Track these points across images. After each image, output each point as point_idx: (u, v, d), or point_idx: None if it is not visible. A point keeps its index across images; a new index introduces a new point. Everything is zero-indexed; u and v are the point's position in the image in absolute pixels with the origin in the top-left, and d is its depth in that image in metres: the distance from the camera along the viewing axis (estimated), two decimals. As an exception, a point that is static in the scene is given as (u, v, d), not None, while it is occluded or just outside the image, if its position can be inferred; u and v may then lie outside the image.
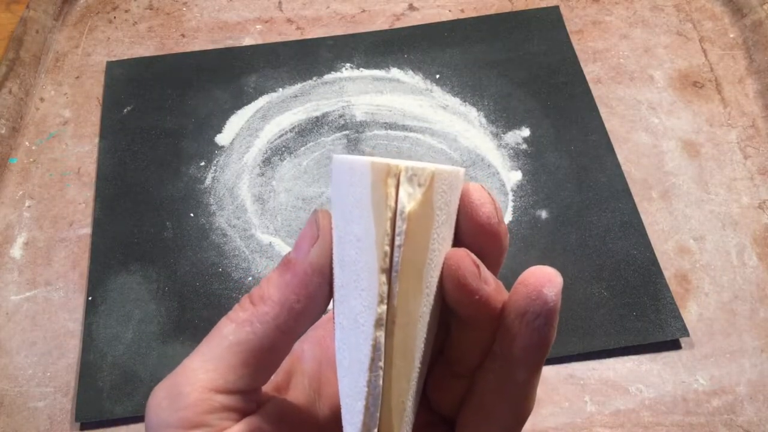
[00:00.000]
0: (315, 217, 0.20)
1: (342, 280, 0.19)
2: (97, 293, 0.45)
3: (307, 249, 0.20)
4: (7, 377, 0.43)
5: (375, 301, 0.18)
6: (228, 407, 0.20)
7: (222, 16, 0.62)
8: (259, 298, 0.20)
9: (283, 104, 0.55)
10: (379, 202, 0.18)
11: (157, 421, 0.19)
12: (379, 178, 0.18)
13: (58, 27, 0.61)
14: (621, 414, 0.40)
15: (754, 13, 0.57)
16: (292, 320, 0.20)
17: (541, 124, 0.53)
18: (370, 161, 0.18)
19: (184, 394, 0.19)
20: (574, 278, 0.45)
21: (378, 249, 0.18)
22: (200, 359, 0.20)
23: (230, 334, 0.20)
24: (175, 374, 0.20)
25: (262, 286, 0.20)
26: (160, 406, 0.19)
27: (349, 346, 0.19)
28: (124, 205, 0.50)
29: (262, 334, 0.20)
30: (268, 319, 0.20)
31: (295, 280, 0.20)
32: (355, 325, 0.19)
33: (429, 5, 0.61)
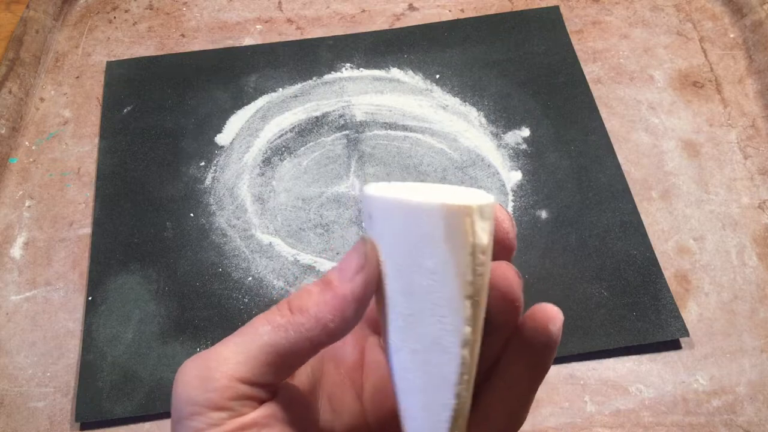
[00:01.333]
0: (363, 248, 0.22)
1: (410, 309, 0.22)
2: (97, 293, 0.45)
3: (350, 275, 0.22)
4: (7, 377, 0.43)
5: (461, 324, 0.21)
6: (250, 396, 0.22)
7: (222, 16, 0.62)
8: (298, 308, 0.22)
9: (283, 104, 0.55)
10: (456, 238, 0.20)
11: (186, 397, 0.22)
12: (456, 218, 0.20)
13: (58, 27, 0.61)
14: (621, 414, 0.40)
15: (754, 13, 0.57)
16: (324, 336, 0.22)
17: (541, 124, 0.53)
18: (443, 204, 0.20)
19: (214, 378, 0.21)
20: (574, 278, 0.45)
21: (460, 279, 0.20)
22: (234, 350, 0.22)
23: (265, 334, 0.22)
24: (207, 357, 0.22)
25: (302, 296, 0.22)
26: (190, 384, 0.22)
27: (425, 366, 0.22)
28: (124, 205, 0.50)
29: (294, 342, 0.22)
30: (303, 330, 0.22)
31: (334, 302, 0.22)
32: (437, 347, 0.21)
33: (429, 5, 0.61)
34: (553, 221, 0.47)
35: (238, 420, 0.21)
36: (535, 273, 0.45)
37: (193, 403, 0.21)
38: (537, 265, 0.45)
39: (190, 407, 0.21)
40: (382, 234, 0.22)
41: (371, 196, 0.22)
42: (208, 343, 0.43)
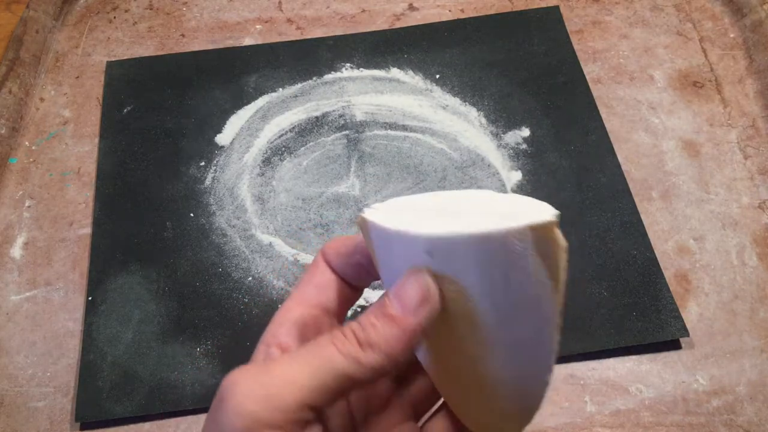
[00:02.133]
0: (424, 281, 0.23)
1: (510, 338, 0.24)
2: (97, 293, 0.45)
3: (413, 308, 0.22)
4: (7, 377, 0.43)
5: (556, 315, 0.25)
6: (308, 420, 0.22)
7: (222, 16, 0.62)
8: (367, 344, 0.22)
9: (283, 104, 0.55)
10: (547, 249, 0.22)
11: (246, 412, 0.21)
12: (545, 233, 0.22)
13: (58, 27, 0.61)
14: (621, 414, 0.40)
15: (754, 13, 0.57)
16: (390, 367, 0.23)
17: (541, 124, 0.53)
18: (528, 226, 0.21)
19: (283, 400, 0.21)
20: (574, 278, 0.45)
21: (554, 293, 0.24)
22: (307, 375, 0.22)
23: (339, 364, 0.22)
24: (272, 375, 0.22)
25: (367, 330, 0.23)
26: (250, 398, 0.21)
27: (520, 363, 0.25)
28: (124, 205, 0.50)
29: (365, 375, 0.22)
30: (376, 365, 0.22)
31: (404, 337, 0.22)
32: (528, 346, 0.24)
33: (429, 5, 0.61)
34: (553, 221, 0.47)
35: None
36: (535, 273, 0.45)
37: (253, 419, 0.21)
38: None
39: (248, 422, 0.21)
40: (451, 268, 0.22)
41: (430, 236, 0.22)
42: (208, 344, 0.43)
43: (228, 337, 0.43)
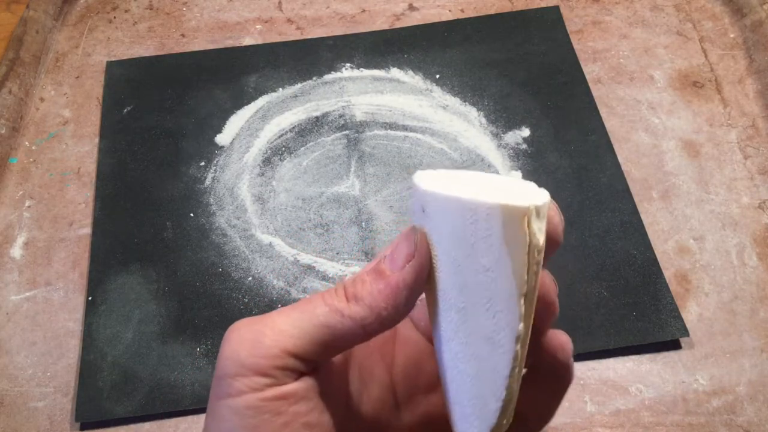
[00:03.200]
0: (414, 236, 0.23)
1: (463, 302, 0.22)
2: (97, 293, 0.45)
3: (401, 264, 0.23)
4: (7, 377, 0.43)
5: (516, 321, 0.21)
6: (294, 368, 0.23)
7: (222, 16, 0.62)
8: (353, 296, 0.23)
9: (283, 104, 0.55)
10: (513, 238, 0.21)
11: (235, 356, 0.22)
12: (513, 219, 0.20)
13: (58, 27, 0.61)
14: (621, 414, 0.40)
15: (754, 13, 0.57)
16: (377, 323, 0.23)
17: (541, 124, 0.53)
18: (500, 204, 0.20)
19: (267, 346, 0.22)
20: (574, 278, 0.45)
21: (517, 278, 0.21)
22: (290, 324, 0.23)
23: (322, 315, 0.23)
24: (263, 323, 0.23)
25: (356, 284, 0.23)
26: (242, 345, 0.22)
27: (477, 358, 0.23)
28: (124, 205, 0.50)
29: (348, 327, 0.23)
30: (357, 317, 0.22)
31: (387, 290, 0.23)
32: (489, 341, 0.22)
33: (429, 5, 0.61)
34: (553, 221, 0.47)
35: (279, 389, 0.22)
36: (535, 273, 0.45)
37: (240, 364, 0.22)
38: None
39: (236, 367, 0.22)
40: (436, 228, 0.22)
41: (426, 191, 0.22)
42: (208, 344, 0.43)
43: (228, 337, 0.43)
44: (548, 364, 0.26)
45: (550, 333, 0.26)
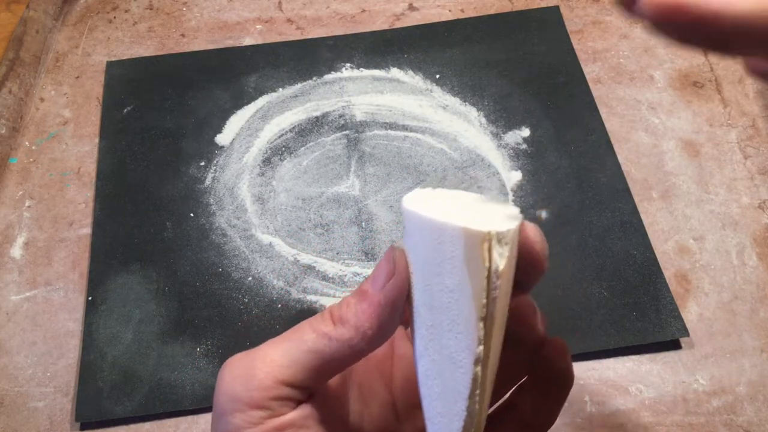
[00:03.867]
0: (392, 255, 0.23)
1: (431, 321, 0.23)
2: (97, 293, 0.45)
3: (382, 283, 0.23)
4: (7, 377, 0.43)
5: (474, 343, 0.22)
6: (290, 397, 0.23)
7: (222, 16, 0.62)
8: (339, 319, 0.23)
9: (283, 104, 0.55)
10: (473, 262, 0.21)
11: (230, 392, 0.23)
12: (474, 243, 0.21)
13: (58, 27, 0.61)
14: (621, 414, 0.40)
15: (754, 13, 0.57)
16: (363, 343, 0.23)
17: (541, 124, 0.53)
18: (462, 228, 0.21)
19: (259, 378, 0.22)
20: (574, 278, 0.45)
21: (476, 301, 0.21)
22: (280, 353, 0.23)
23: (310, 341, 0.23)
24: (254, 356, 0.23)
25: (342, 307, 0.23)
26: (235, 381, 0.23)
27: (442, 377, 0.23)
28: (124, 205, 0.50)
29: (336, 350, 0.23)
30: (344, 339, 0.23)
31: (370, 310, 0.23)
32: (452, 361, 0.22)
33: (429, 5, 0.61)
34: (553, 221, 0.47)
35: (277, 420, 0.22)
36: (535, 273, 0.45)
37: (235, 400, 0.22)
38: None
39: (232, 403, 0.22)
40: (413, 247, 0.23)
41: (405, 209, 0.23)
42: (208, 344, 0.43)
43: (228, 337, 0.43)
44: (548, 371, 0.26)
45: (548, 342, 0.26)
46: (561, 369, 0.27)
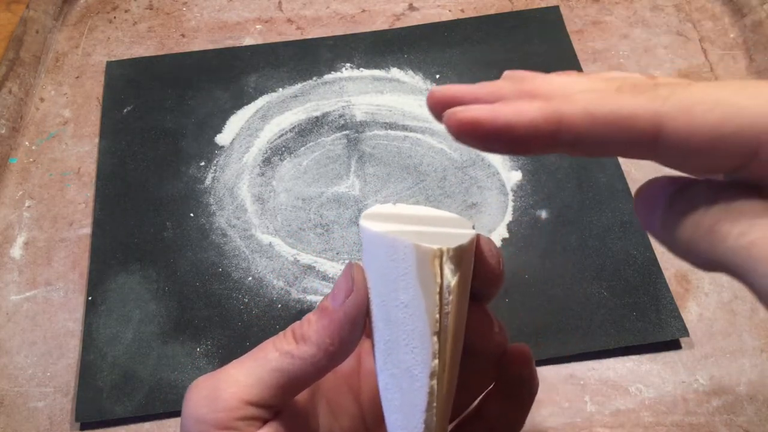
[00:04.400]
0: (350, 272, 0.23)
1: (389, 335, 0.23)
2: (97, 293, 0.45)
3: (342, 299, 0.23)
4: (7, 377, 0.43)
5: (429, 357, 0.22)
6: (256, 417, 0.23)
7: (222, 16, 0.62)
8: (300, 337, 0.23)
9: (283, 104, 0.55)
10: (425, 278, 0.21)
11: (195, 414, 0.22)
12: (425, 259, 0.21)
13: (58, 27, 0.61)
14: (621, 414, 0.40)
15: (754, 13, 0.57)
16: (326, 359, 0.23)
17: (541, 124, 0.53)
18: (414, 244, 0.21)
19: (223, 399, 0.22)
20: (574, 278, 0.45)
21: (429, 317, 0.22)
22: (244, 373, 0.23)
23: (273, 360, 0.23)
24: (217, 378, 0.23)
25: (303, 325, 0.24)
26: (199, 403, 0.23)
27: (401, 390, 0.23)
28: (124, 205, 0.50)
29: (299, 367, 0.23)
30: (306, 356, 0.23)
31: (331, 326, 0.23)
32: (409, 375, 0.23)
33: (429, 5, 0.61)
34: (553, 221, 0.47)
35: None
36: (535, 273, 0.45)
37: (201, 422, 0.22)
38: (537, 265, 0.45)
39: (198, 425, 0.22)
40: (369, 263, 0.23)
41: (361, 226, 0.23)
42: (208, 344, 0.43)
43: (228, 337, 0.43)
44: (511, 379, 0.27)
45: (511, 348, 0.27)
46: (524, 376, 0.27)
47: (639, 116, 0.17)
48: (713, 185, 0.18)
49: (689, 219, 0.17)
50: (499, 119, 0.18)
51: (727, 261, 0.16)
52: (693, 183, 0.18)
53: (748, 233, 0.16)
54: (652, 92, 0.17)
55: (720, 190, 0.17)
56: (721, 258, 0.16)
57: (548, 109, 0.18)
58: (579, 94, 0.18)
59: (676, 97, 0.16)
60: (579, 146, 0.18)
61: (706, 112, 0.16)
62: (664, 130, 0.16)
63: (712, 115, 0.16)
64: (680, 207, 0.18)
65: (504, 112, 0.18)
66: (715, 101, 0.16)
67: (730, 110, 0.16)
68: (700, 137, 0.16)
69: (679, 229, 0.18)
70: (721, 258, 0.16)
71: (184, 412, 0.23)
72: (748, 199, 0.16)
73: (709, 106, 0.16)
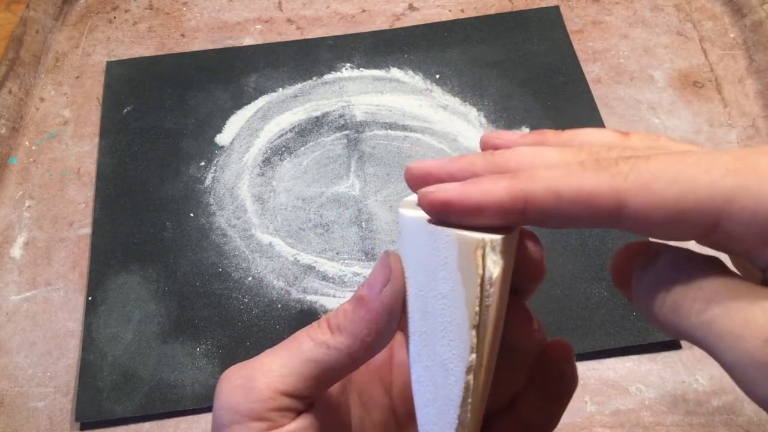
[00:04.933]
0: (387, 261, 0.23)
1: (425, 327, 0.23)
2: (97, 293, 0.45)
3: (379, 289, 0.23)
4: (7, 377, 0.43)
5: (467, 351, 0.22)
6: (290, 408, 0.22)
7: (222, 16, 0.62)
8: (336, 328, 0.23)
9: (283, 104, 0.55)
10: (467, 269, 0.21)
11: (228, 405, 0.22)
12: (467, 250, 0.21)
13: (58, 27, 0.61)
14: (621, 414, 0.40)
15: (754, 13, 0.57)
16: (362, 351, 0.23)
17: (541, 124, 0.53)
18: (456, 234, 0.21)
19: (258, 389, 0.22)
20: (574, 278, 0.45)
21: (469, 309, 0.21)
22: (279, 363, 0.23)
23: (308, 350, 0.23)
24: (252, 367, 0.23)
25: (338, 315, 0.23)
26: (233, 392, 0.22)
27: (435, 383, 0.23)
28: (124, 205, 0.50)
29: (335, 358, 0.23)
30: (342, 347, 0.23)
31: (368, 317, 0.23)
32: (444, 368, 0.22)
33: (429, 5, 0.61)
34: (553, 221, 0.47)
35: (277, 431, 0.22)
36: (535, 273, 0.45)
37: (234, 412, 0.22)
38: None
39: (231, 415, 0.22)
40: (407, 252, 0.23)
41: (401, 213, 0.23)
42: (208, 344, 0.43)
43: (228, 337, 0.43)
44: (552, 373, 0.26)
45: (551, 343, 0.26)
46: (565, 371, 0.26)
47: (601, 194, 0.17)
48: (677, 258, 0.19)
49: (656, 296, 0.18)
50: (468, 200, 0.19)
51: (693, 336, 0.17)
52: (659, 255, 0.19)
53: (707, 310, 0.16)
54: (613, 168, 0.18)
55: (682, 264, 0.18)
56: (688, 332, 0.17)
57: (514, 189, 0.19)
58: (545, 171, 0.19)
59: (636, 173, 0.17)
60: (547, 221, 0.19)
61: (665, 189, 0.17)
62: (625, 206, 0.17)
63: (671, 191, 0.17)
64: (647, 283, 0.19)
65: (472, 193, 0.19)
66: (673, 177, 0.17)
67: (688, 185, 0.16)
68: (660, 212, 0.17)
69: (647, 304, 0.19)
70: (688, 332, 0.17)
71: (216, 402, 0.23)
72: (707, 274, 0.17)
73: (667, 182, 0.17)
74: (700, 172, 0.16)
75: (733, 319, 0.16)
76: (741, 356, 0.16)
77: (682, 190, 0.16)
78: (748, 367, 0.16)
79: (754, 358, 0.15)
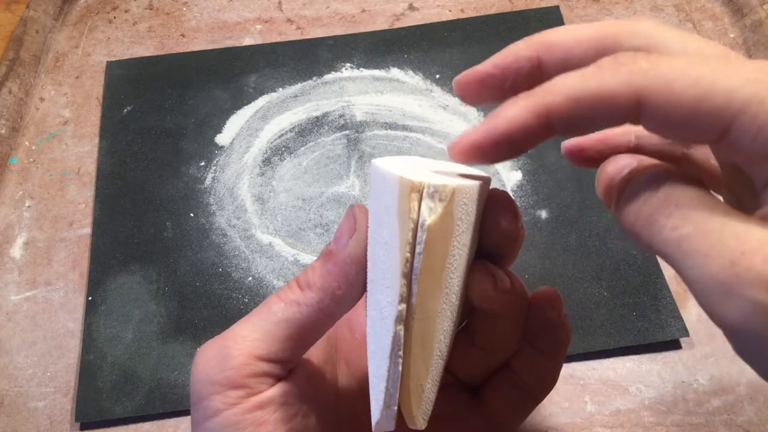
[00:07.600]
0: (352, 211, 0.23)
1: (372, 274, 0.22)
2: (97, 293, 0.45)
3: (345, 241, 0.22)
4: (7, 377, 0.43)
5: (396, 299, 0.21)
6: (267, 373, 0.22)
7: (222, 16, 0.62)
8: (305, 284, 0.22)
9: (283, 104, 0.55)
10: (403, 213, 0.20)
11: (204, 377, 0.22)
12: (404, 192, 0.20)
13: (58, 27, 0.61)
14: (621, 414, 0.40)
15: (754, 13, 0.57)
16: (333, 304, 0.22)
17: (541, 124, 0.53)
18: (398, 175, 0.20)
19: (232, 357, 0.22)
20: (574, 278, 0.45)
21: (401, 254, 0.20)
22: (250, 328, 0.22)
23: (279, 311, 0.22)
24: (224, 337, 0.22)
25: (307, 273, 0.23)
26: (208, 364, 0.22)
27: (375, 334, 0.22)
28: (124, 205, 0.50)
29: (307, 315, 0.22)
30: (313, 302, 0.22)
31: (336, 269, 0.22)
32: (381, 317, 0.21)
33: (429, 5, 0.61)
34: (553, 221, 0.47)
35: (255, 398, 0.22)
36: (535, 273, 0.45)
37: (211, 383, 0.22)
38: (537, 265, 0.45)
39: (208, 387, 0.22)
40: (371, 202, 0.22)
41: (372, 165, 0.22)
42: (208, 343, 0.43)
43: (228, 337, 0.43)
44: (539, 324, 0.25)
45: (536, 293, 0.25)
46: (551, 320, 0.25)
47: (619, 93, 0.17)
48: (660, 173, 0.18)
49: (633, 206, 0.18)
50: (494, 134, 0.19)
51: (663, 251, 0.17)
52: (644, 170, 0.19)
53: (680, 227, 0.16)
54: (633, 65, 0.17)
55: (663, 179, 0.18)
56: (658, 247, 0.17)
57: (534, 105, 0.18)
58: (562, 80, 0.18)
59: (657, 69, 0.17)
60: (573, 129, 0.19)
61: (685, 90, 0.16)
62: (644, 102, 0.17)
63: (690, 92, 0.16)
64: (627, 194, 0.19)
65: (496, 126, 0.19)
66: (694, 79, 0.16)
67: (707, 89, 0.16)
68: (678, 111, 0.17)
69: (624, 214, 0.19)
70: (658, 247, 0.17)
71: (193, 377, 0.22)
72: (686, 193, 0.17)
73: (688, 83, 0.16)
74: (721, 77, 0.16)
75: (704, 239, 0.16)
76: (705, 276, 0.16)
77: (701, 92, 0.16)
78: (710, 286, 0.15)
79: (716, 279, 0.15)
